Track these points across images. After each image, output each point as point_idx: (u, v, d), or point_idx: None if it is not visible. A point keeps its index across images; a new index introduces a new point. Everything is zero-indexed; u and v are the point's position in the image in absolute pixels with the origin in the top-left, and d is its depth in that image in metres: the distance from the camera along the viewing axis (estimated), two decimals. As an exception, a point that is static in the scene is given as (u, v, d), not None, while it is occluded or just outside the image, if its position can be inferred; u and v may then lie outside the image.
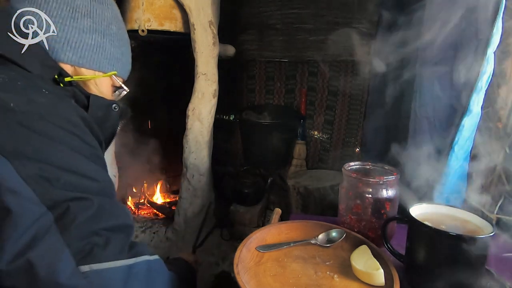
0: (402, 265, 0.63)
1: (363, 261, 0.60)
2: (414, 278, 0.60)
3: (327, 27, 1.90)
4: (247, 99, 2.17)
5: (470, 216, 0.60)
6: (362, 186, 0.71)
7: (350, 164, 0.79)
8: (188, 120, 1.40)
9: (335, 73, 1.95)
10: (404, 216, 0.62)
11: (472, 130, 0.83)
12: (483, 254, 0.54)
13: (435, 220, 0.60)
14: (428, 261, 0.57)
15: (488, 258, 0.55)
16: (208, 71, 1.36)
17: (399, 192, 0.73)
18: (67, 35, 0.58)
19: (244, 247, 0.64)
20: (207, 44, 1.33)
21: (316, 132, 2.07)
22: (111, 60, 0.64)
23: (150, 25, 1.27)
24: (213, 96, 1.40)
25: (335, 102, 2.00)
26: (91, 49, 0.61)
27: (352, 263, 0.60)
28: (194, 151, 1.43)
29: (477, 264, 0.54)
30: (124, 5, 1.30)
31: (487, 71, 0.76)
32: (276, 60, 2.06)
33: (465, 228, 0.58)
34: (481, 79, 0.77)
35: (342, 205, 0.77)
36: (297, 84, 2.05)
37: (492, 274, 0.61)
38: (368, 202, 0.71)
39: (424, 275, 0.58)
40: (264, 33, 2.03)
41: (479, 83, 0.77)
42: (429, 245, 0.57)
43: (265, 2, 1.98)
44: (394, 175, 0.71)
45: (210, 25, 1.32)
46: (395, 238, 0.72)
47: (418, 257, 0.59)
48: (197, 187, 1.46)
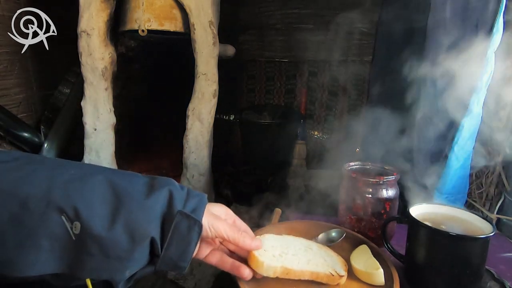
0: (402, 265, 0.63)
1: (363, 261, 0.60)
2: (414, 278, 0.60)
3: (327, 27, 1.90)
4: (247, 99, 2.17)
5: (470, 216, 0.60)
6: (362, 186, 0.71)
7: (350, 164, 0.79)
8: (188, 120, 1.40)
9: (335, 73, 1.95)
10: (404, 216, 0.62)
11: (472, 130, 0.83)
12: (483, 254, 0.54)
13: (435, 220, 0.60)
14: (428, 261, 0.57)
15: (488, 258, 0.55)
16: (208, 71, 1.36)
17: (399, 192, 0.73)
18: None
19: (244, 247, 0.64)
20: (207, 44, 1.33)
21: (316, 132, 2.07)
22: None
23: (150, 25, 1.27)
24: (213, 96, 1.40)
25: (335, 102, 2.00)
26: None
27: (351, 262, 0.60)
28: (194, 151, 1.43)
29: (477, 264, 0.54)
30: (124, 5, 1.30)
31: (487, 71, 0.76)
32: (276, 60, 2.06)
33: (465, 228, 0.58)
34: (481, 79, 0.77)
35: (342, 205, 0.77)
36: (297, 84, 2.05)
37: (492, 274, 0.61)
38: (368, 202, 0.71)
39: (424, 275, 0.58)
40: (264, 33, 2.03)
41: (479, 83, 0.77)
42: (429, 245, 0.57)
43: (265, 2, 1.98)
44: (394, 175, 0.71)
45: (210, 25, 1.32)
46: (395, 238, 0.72)
47: (418, 257, 0.59)
48: (197, 187, 1.46)
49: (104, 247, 0.35)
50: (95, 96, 1.30)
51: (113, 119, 1.36)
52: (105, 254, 0.35)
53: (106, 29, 1.25)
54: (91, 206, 0.35)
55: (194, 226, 0.38)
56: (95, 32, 1.23)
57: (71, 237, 0.34)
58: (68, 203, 0.34)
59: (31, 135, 1.47)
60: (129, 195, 0.37)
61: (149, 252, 0.38)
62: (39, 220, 0.34)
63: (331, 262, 0.58)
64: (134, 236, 0.36)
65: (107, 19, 1.24)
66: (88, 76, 1.27)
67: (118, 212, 0.36)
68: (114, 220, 0.35)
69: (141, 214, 0.36)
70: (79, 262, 0.35)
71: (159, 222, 0.38)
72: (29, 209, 0.34)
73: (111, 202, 0.36)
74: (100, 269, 0.36)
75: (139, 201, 0.37)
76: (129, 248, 0.36)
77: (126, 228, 0.35)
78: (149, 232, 0.36)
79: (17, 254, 0.33)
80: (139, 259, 0.37)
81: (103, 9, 1.22)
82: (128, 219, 0.36)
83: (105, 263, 0.35)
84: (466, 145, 0.84)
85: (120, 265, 0.36)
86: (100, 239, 0.34)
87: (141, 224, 0.36)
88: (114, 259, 0.35)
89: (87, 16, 1.21)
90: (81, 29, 1.22)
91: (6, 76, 1.43)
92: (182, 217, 0.38)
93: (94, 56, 1.24)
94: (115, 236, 0.35)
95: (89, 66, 1.26)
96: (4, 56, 1.40)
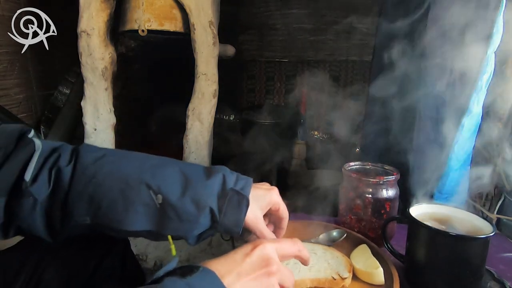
0: (402, 265, 0.63)
1: (362, 260, 0.60)
2: (414, 278, 0.60)
3: (327, 27, 1.90)
4: (247, 99, 2.17)
5: (470, 216, 0.60)
6: (362, 186, 0.71)
7: (350, 164, 0.79)
8: (188, 120, 1.40)
9: (335, 73, 1.96)
10: (404, 216, 0.62)
11: (472, 130, 0.83)
12: (483, 254, 0.54)
13: (435, 220, 0.60)
14: (428, 261, 0.57)
15: (488, 258, 0.55)
16: (208, 71, 1.36)
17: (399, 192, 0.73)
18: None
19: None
20: (207, 44, 1.33)
21: (316, 132, 2.07)
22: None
23: (150, 25, 1.27)
24: (213, 96, 1.40)
25: (335, 102, 2.00)
26: None
27: (352, 262, 0.60)
28: (194, 151, 1.43)
29: (477, 264, 0.54)
30: (124, 5, 1.30)
31: (487, 71, 0.76)
32: (276, 60, 2.06)
33: (465, 228, 0.58)
34: (481, 79, 0.77)
35: (342, 205, 0.77)
36: (297, 84, 2.05)
37: (492, 274, 0.61)
38: (368, 202, 0.71)
39: (424, 275, 0.58)
40: (264, 33, 2.03)
41: (479, 83, 0.77)
42: (429, 245, 0.57)
43: (265, 2, 1.98)
44: (394, 175, 0.71)
45: (210, 25, 1.32)
46: (395, 238, 0.73)
47: (418, 257, 0.59)
48: (197, 187, 1.45)
49: (178, 213, 0.48)
50: (95, 96, 1.30)
51: (113, 119, 1.36)
52: (179, 218, 0.48)
53: (106, 29, 1.25)
54: (169, 184, 0.49)
55: (243, 200, 0.50)
56: (95, 32, 1.23)
57: (156, 206, 0.48)
58: (153, 182, 0.48)
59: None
60: (194, 178, 0.50)
61: (210, 219, 0.49)
62: (136, 193, 0.48)
63: (335, 264, 0.59)
64: (198, 205, 0.48)
65: (107, 19, 1.24)
66: (88, 76, 1.28)
67: (187, 189, 0.49)
68: (184, 194, 0.48)
69: (202, 190, 0.49)
70: (162, 223, 0.48)
71: (216, 197, 0.49)
72: (129, 185, 0.48)
73: (181, 181, 0.49)
74: (176, 229, 0.48)
75: (201, 182, 0.50)
76: (195, 214, 0.48)
77: (192, 199, 0.48)
78: (209, 204, 0.48)
79: (124, 215, 0.47)
80: (203, 223, 0.49)
81: (103, 9, 1.22)
82: (193, 193, 0.48)
83: (179, 224, 0.48)
84: (466, 145, 0.84)
85: (189, 226, 0.49)
86: (175, 207, 0.48)
87: (203, 197, 0.49)
88: (185, 221, 0.48)
89: (87, 16, 1.21)
90: (81, 29, 1.22)
91: (6, 76, 1.43)
92: (234, 193, 0.50)
93: (94, 56, 1.24)
94: (185, 205, 0.48)
95: (89, 66, 1.26)
96: (4, 56, 1.40)
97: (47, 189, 0.47)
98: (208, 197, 0.49)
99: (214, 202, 0.49)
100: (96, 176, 0.48)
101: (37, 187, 0.46)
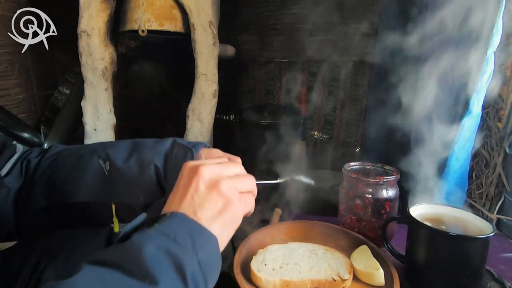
0: (402, 265, 0.63)
1: (363, 261, 0.60)
2: (414, 278, 0.60)
3: (327, 27, 1.90)
4: (247, 99, 2.17)
5: (470, 216, 0.60)
6: (362, 186, 0.71)
7: (350, 164, 0.79)
8: (188, 120, 1.40)
9: (335, 73, 1.95)
10: (404, 216, 0.62)
11: (472, 130, 0.83)
12: (483, 254, 0.54)
13: (435, 220, 0.60)
14: (428, 261, 0.57)
15: (488, 258, 0.55)
16: (208, 71, 1.36)
17: (399, 192, 0.73)
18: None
19: (244, 248, 0.64)
20: (207, 44, 1.33)
21: (316, 132, 2.07)
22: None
23: (150, 25, 1.27)
24: (213, 96, 1.40)
25: (335, 102, 2.00)
26: None
27: (352, 263, 0.60)
28: (194, 151, 1.43)
29: (477, 264, 0.54)
30: (124, 5, 1.30)
31: (487, 71, 0.76)
32: (276, 60, 2.05)
33: (465, 228, 0.58)
34: (481, 79, 0.77)
35: (342, 205, 0.77)
36: (297, 84, 2.05)
37: (492, 274, 0.61)
38: (368, 202, 0.71)
39: (424, 275, 0.58)
40: (264, 33, 2.03)
41: (479, 83, 0.77)
42: (429, 245, 0.57)
43: (265, 2, 1.98)
44: (394, 175, 0.71)
45: (210, 25, 1.32)
46: (395, 238, 0.73)
47: (418, 257, 0.59)
48: (197, 187, 1.45)
49: (123, 174, 0.50)
50: (95, 96, 1.30)
51: (113, 119, 1.36)
52: (124, 181, 0.50)
53: (106, 29, 1.25)
54: (117, 151, 0.52)
55: (188, 153, 0.50)
56: (95, 32, 1.23)
57: (104, 173, 0.50)
58: (103, 152, 0.52)
59: (31, 135, 1.46)
60: (143, 144, 0.53)
61: (155, 177, 0.50)
62: (87, 163, 0.51)
63: (335, 265, 0.59)
64: (142, 165, 0.50)
65: (107, 19, 1.24)
66: (88, 76, 1.28)
67: (133, 153, 0.51)
68: (129, 157, 0.51)
69: (149, 151, 0.51)
70: (109, 188, 0.51)
71: (163, 155, 0.51)
72: (82, 158, 0.52)
73: (130, 148, 0.52)
74: (122, 194, 0.50)
75: (149, 146, 0.52)
76: (138, 174, 0.50)
77: (137, 161, 0.50)
78: (154, 161, 0.50)
79: (74, 185, 0.51)
80: (149, 184, 0.50)
81: (103, 9, 1.22)
82: (139, 155, 0.51)
83: (125, 189, 0.50)
84: (466, 145, 0.84)
85: (134, 190, 0.50)
86: (120, 170, 0.50)
87: (148, 157, 0.51)
88: (131, 184, 0.50)
89: (87, 16, 1.21)
90: (81, 29, 1.22)
91: (6, 76, 1.43)
92: (179, 148, 0.51)
93: (94, 56, 1.24)
94: (129, 165, 0.50)
95: (89, 66, 1.26)
96: (4, 56, 1.40)
97: (19, 180, 0.52)
98: (154, 155, 0.51)
99: (160, 160, 0.51)
100: (56, 160, 0.53)
101: (10, 178, 0.52)
